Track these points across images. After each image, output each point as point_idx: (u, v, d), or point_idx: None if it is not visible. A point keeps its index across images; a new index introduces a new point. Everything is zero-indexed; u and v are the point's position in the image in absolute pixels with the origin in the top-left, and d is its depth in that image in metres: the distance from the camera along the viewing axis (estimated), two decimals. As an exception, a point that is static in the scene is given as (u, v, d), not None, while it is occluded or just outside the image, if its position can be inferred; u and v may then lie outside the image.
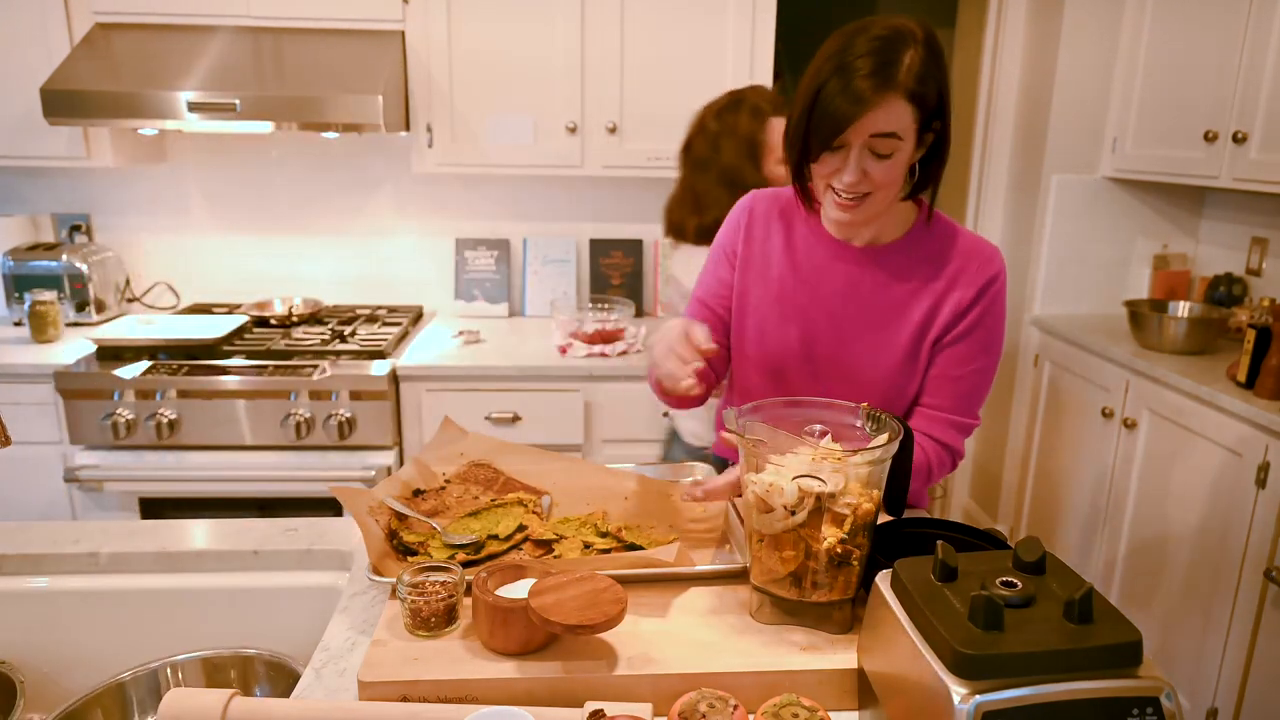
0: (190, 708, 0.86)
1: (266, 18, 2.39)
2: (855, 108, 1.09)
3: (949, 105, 1.16)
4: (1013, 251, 3.14)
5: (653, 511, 1.26)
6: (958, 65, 3.50)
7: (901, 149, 1.13)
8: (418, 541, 1.15)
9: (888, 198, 1.19)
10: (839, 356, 1.29)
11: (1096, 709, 0.71)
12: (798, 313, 1.30)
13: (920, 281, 1.28)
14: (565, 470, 1.35)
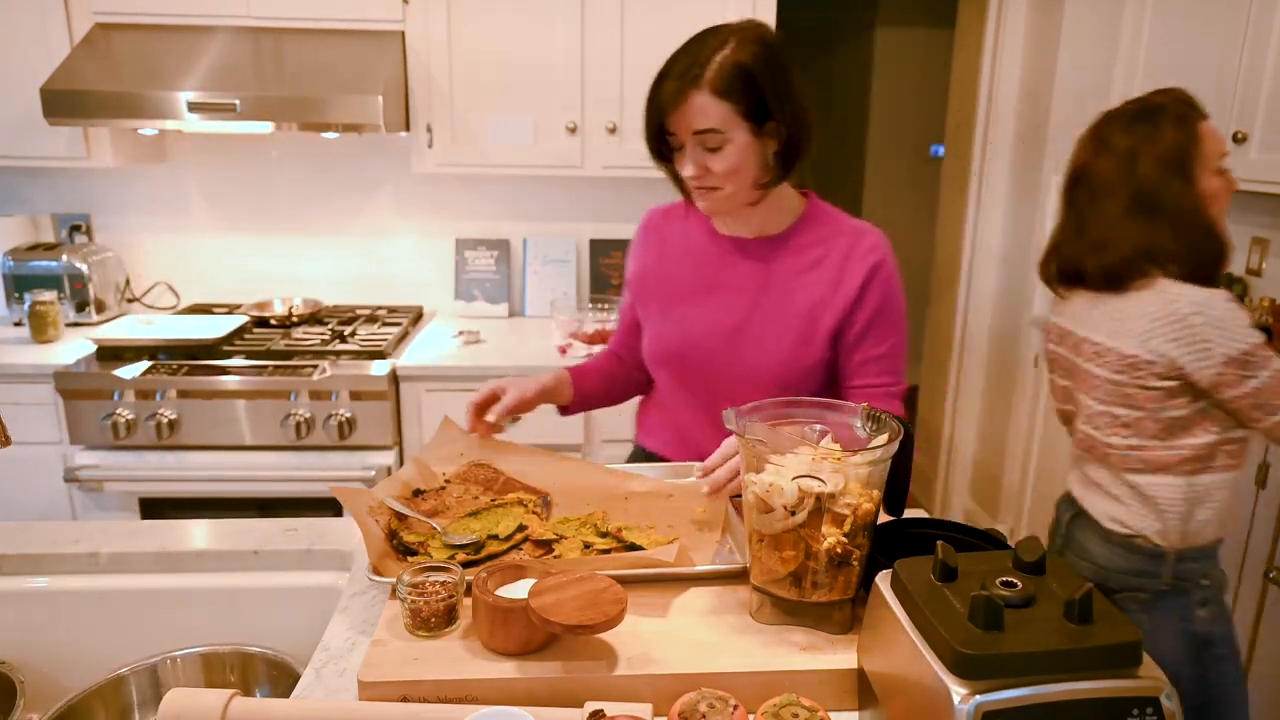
0: (190, 708, 0.86)
1: (266, 18, 2.39)
2: (663, 106, 1.21)
3: (789, 99, 1.23)
4: (1013, 251, 3.14)
5: (653, 511, 1.26)
6: (958, 65, 3.50)
7: (731, 142, 1.21)
8: (418, 541, 1.15)
9: (741, 188, 1.26)
10: (738, 346, 1.36)
11: (1096, 709, 0.71)
12: (698, 308, 1.38)
13: (809, 269, 1.35)
14: (565, 470, 1.35)
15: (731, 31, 1.21)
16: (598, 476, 1.35)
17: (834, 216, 1.39)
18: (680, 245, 1.42)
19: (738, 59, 1.19)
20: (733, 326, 1.35)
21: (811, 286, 1.34)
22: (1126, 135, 1.57)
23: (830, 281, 1.33)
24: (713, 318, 1.36)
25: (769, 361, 1.34)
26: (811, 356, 1.34)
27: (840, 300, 1.32)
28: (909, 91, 4.83)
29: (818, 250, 1.35)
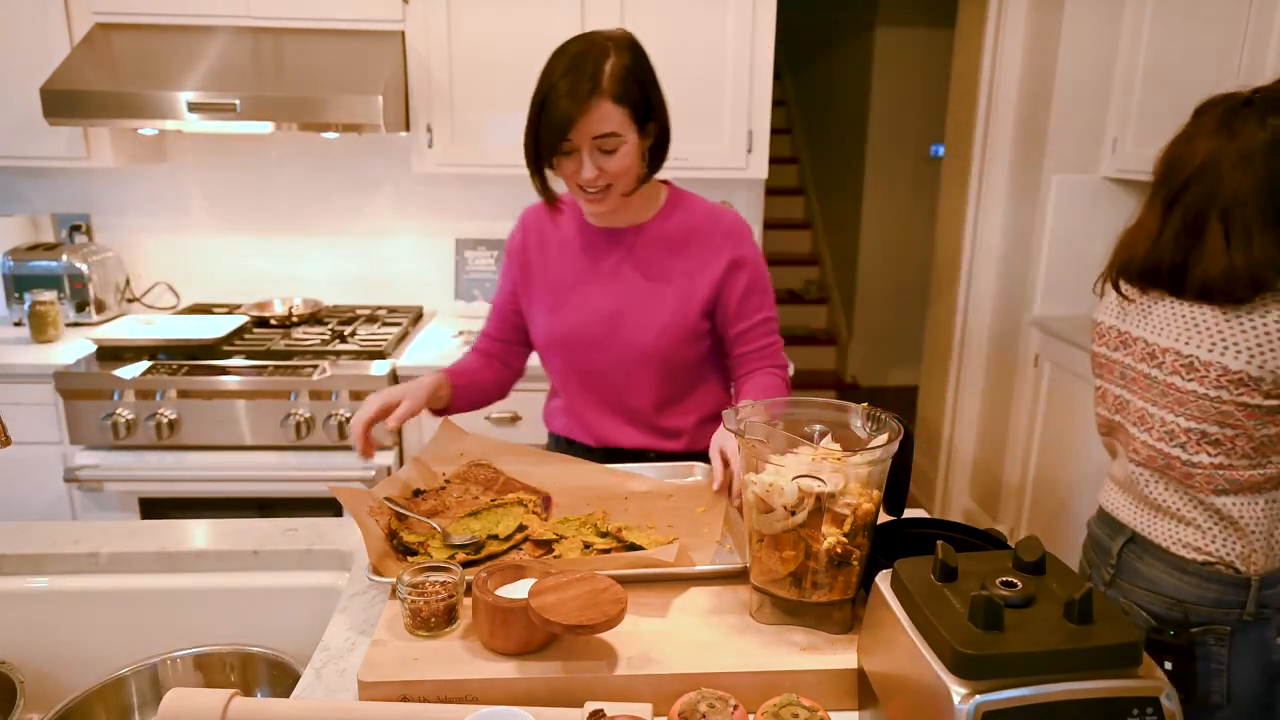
0: (190, 708, 0.86)
1: (266, 18, 2.39)
2: (569, 117, 1.27)
3: (660, 98, 1.36)
4: (1013, 251, 3.14)
5: (653, 511, 1.26)
6: (958, 65, 3.49)
7: (625, 143, 1.31)
8: (418, 541, 1.15)
9: (628, 184, 1.36)
10: (619, 328, 1.44)
11: (1096, 709, 0.71)
12: (578, 296, 1.47)
13: (677, 251, 1.46)
14: (565, 470, 1.35)
15: (608, 39, 1.31)
16: (598, 476, 1.35)
17: (695, 202, 1.50)
18: (558, 240, 1.51)
19: (626, 64, 1.30)
20: (612, 311, 1.45)
21: (681, 267, 1.45)
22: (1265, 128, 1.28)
23: (698, 260, 1.45)
24: (594, 304, 1.46)
25: (648, 339, 1.44)
26: (688, 331, 1.45)
27: (709, 277, 1.44)
28: (909, 91, 4.83)
29: (683, 233, 1.46)
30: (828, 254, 5.67)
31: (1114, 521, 1.47)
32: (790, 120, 6.17)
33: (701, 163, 2.54)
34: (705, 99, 2.51)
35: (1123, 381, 1.43)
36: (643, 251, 1.46)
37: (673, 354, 1.46)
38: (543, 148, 1.33)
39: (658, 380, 1.48)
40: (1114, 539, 1.47)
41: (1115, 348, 1.45)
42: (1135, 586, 1.42)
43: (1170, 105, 2.53)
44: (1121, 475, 1.46)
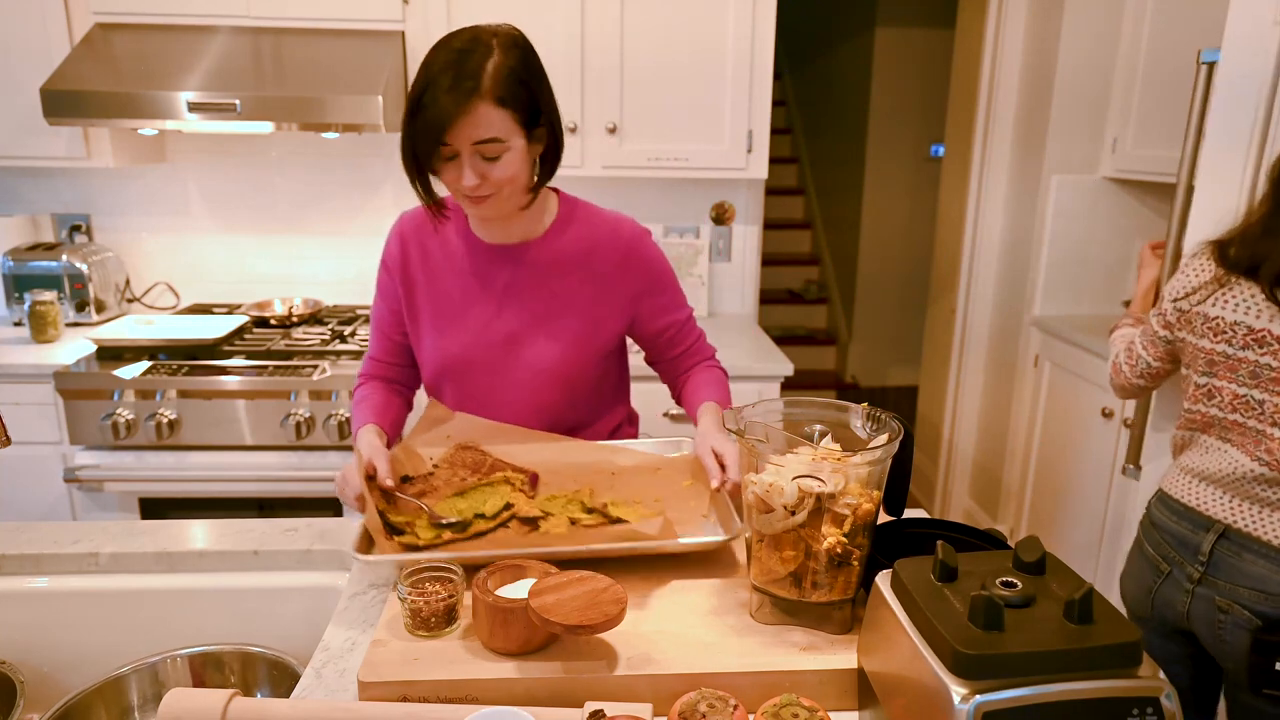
0: (190, 708, 0.86)
1: (266, 18, 2.39)
2: (444, 119, 1.15)
3: (551, 102, 1.26)
4: (1013, 251, 3.14)
5: (640, 486, 1.27)
6: (958, 65, 3.50)
7: (509, 149, 1.20)
8: (404, 522, 1.15)
9: (515, 193, 1.26)
10: (519, 352, 1.37)
11: (1096, 709, 0.71)
12: (471, 318, 1.37)
13: (577, 266, 1.37)
14: (553, 449, 1.35)
15: (493, 36, 1.20)
16: (585, 453, 1.35)
17: (591, 212, 1.41)
18: (442, 257, 1.38)
19: (510, 65, 1.18)
20: (510, 334, 1.36)
21: (583, 282, 1.37)
22: None
23: (602, 276, 1.37)
24: (489, 328, 1.36)
25: (551, 362, 1.37)
26: (596, 351, 1.39)
27: (618, 303, 1.38)
28: (909, 91, 4.83)
29: (582, 249, 1.37)
30: (828, 254, 5.67)
31: (1200, 517, 1.43)
32: (790, 120, 6.17)
33: (701, 163, 2.54)
34: (705, 99, 2.51)
35: (1253, 381, 1.38)
36: (539, 270, 1.36)
37: (576, 376, 1.39)
38: (419, 152, 1.21)
39: (561, 403, 1.40)
40: (1201, 534, 1.43)
41: (1244, 345, 1.39)
42: (1236, 585, 1.38)
43: (1170, 106, 2.53)
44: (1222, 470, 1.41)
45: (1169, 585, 1.48)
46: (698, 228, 2.93)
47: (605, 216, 1.41)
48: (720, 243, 2.96)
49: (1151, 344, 1.55)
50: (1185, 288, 1.46)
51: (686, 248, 2.90)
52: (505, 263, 1.37)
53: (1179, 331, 1.48)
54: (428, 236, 1.40)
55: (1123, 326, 1.77)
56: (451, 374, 1.40)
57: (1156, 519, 1.52)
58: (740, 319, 2.95)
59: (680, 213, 2.93)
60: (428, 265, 1.39)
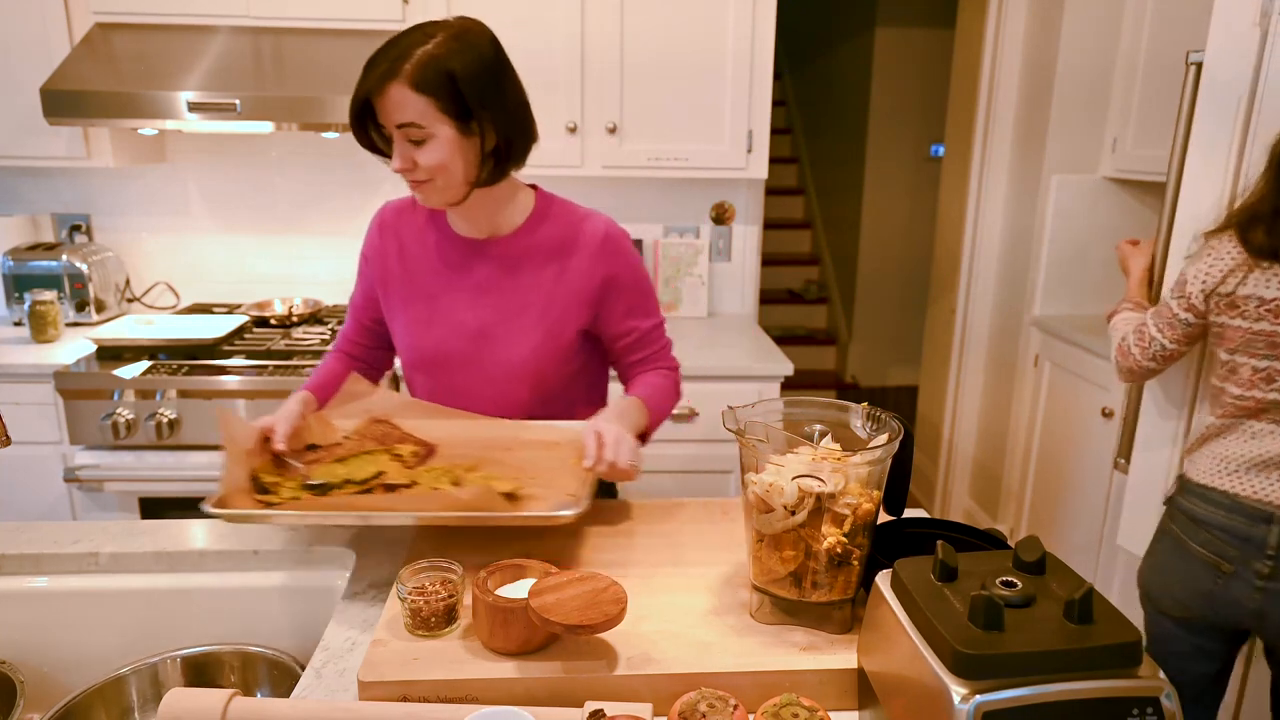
0: (190, 708, 0.86)
1: (266, 18, 2.39)
2: (359, 95, 1.20)
3: (496, 98, 1.24)
4: (1013, 251, 3.14)
5: (534, 461, 1.27)
6: (958, 65, 3.50)
7: (434, 137, 1.21)
8: (273, 482, 1.18)
9: (451, 183, 1.26)
10: (489, 345, 1.38)
11: (1096, 709, 0.71)
12: (444, 312, 1.38)
13: (549, 262, 1.37)
14: (464, 425, 1.35)
15: (439, 28, 1.22)
16: (493, 430, 1.35)
17: (566, 209, 1.41)
18: (419, 246, 1.41)
19: (436, 54, 1.19)
20: (480, 328, 1.37)
21: (554, 279, 1.37)
22: None
23: (571, 272, 1.37)
24: (461, 320, 1.37)
25: (521, 356, 1.37)
26: (563, 346, 1.38)
27: (585, 296, 1.38)
28: (909, 91, 4.83)
29: (554, 243, 1.38)
30: (828, 254, 5.67)
31: (1257, 507, 1.40)
32: (790, 120, 6.17)
33: (701, 163, 2.54)
34: (705, 99, 2.51)
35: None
36: (511, 264, 1.37)
37: (547, 372, 1.39)
38: (352, 124, 1.25)
39: (532, 400, 1.40)
40: (1263, 527, 1.39)
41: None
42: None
43: (1170, 106, 2.53)
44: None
45: (1236, 585, 1.43)
46: (698, 228, 2.94)
47: (581, 214, 1.41)
48: (720, 243, 2.96)
49: (1169, 327, 1.54)
50: (1217, 272, 1.44)
51: (686, 248, 2.90)
52: (479, 256, 1.38)
53: (1216, 316, 1.45)
54: (407, 227, 1.42)
55: (1122, 311, 1.76)
56: (425, 365, 1.41)
57: (1200, 515, 1.47)
58: (740, 319, 2.95)
59: (680, 213, 2.93)
60: (405, 257, 1.41)
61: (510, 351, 1.37)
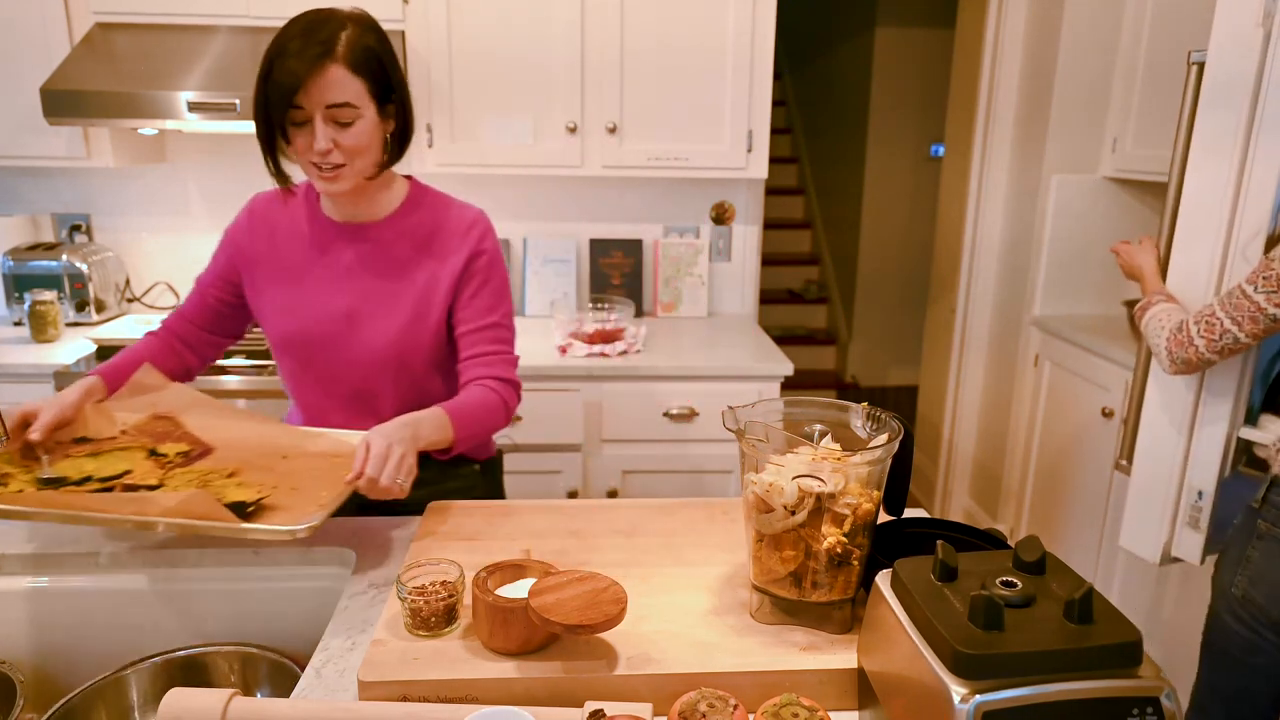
0: (190, 708, 0.86)
1: (266, 18, 2.39)
2: (298, 78, 1.20)
3: (401, 82, 1.32)
4: (1013, 251, 3.14)
5: (305, 473, 1.22)
6: (958, 65, 3.50)
7: (362, 117, 1.25)
8: (4, 473, 1.17)
9: (366, 165, 1.29)
10: (356, 328, 1.38)
11: (1096, 709, 0.71)
12: (312, 294, 1.39)
13: (418, 249, 1.40)
14: (250, 429, 1.32)
15: (347, 17, 1.26)
16: (278, 435, 1.32)
17: (438, 198, 1.44)
18: (290, 232, 1.42)
19: (364, 38, 1.25)
20: (348, 310, 1.38)
21: (421, 265, 1.39)
22: None
23: (438, 259, 1.39)
24: (329, 303, 1.38)
25: (386, 340, 1.38)
26: (428, 332, 1.40)
27: (448, 275, 1.39)
28: (909, 91, 4.83)
29: (425, 230, 1.40)
30: (828, 254, 5.67)
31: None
32: (790, 120, 6.17)
33: (701, 163, 2.54)
34: (705, 99, 2.51)
35: None
36: (382, 249, 1.39)
37: (413, 358, 1.40)
38: (273, 114, 1.23)
39: (399, 385, 1.41)
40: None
41: None
42: None
43: (1170, 105, 2.53)
44: None
45: None
46: (698, 228, 2.94)
47: (454, 204, 1.44)
48: (720, 242, 2.96)
49: (1249, 320, 1.50)
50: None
51: (686, 248, 2.90)
52: (350, 241, 1.40)
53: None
54: (278, 215, 1.44)
55: (1156, 304, 1.72)
56: (292, 348, 1.42)
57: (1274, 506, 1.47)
58: (740, 319, 2.95)
59: (680, 213, 2.93)
60: (274, 240, 1.42)
61: (375, 335, 1.38)
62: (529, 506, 1.34)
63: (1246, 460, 1.71)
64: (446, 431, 1.30)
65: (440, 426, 1.29)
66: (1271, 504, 1.52)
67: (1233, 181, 1.61)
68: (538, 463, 2.40)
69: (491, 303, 1.43)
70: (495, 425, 1.41)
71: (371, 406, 1.43)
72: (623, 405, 2.38)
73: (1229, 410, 1.67)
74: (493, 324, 1.43)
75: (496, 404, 1.39)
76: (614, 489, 2.43)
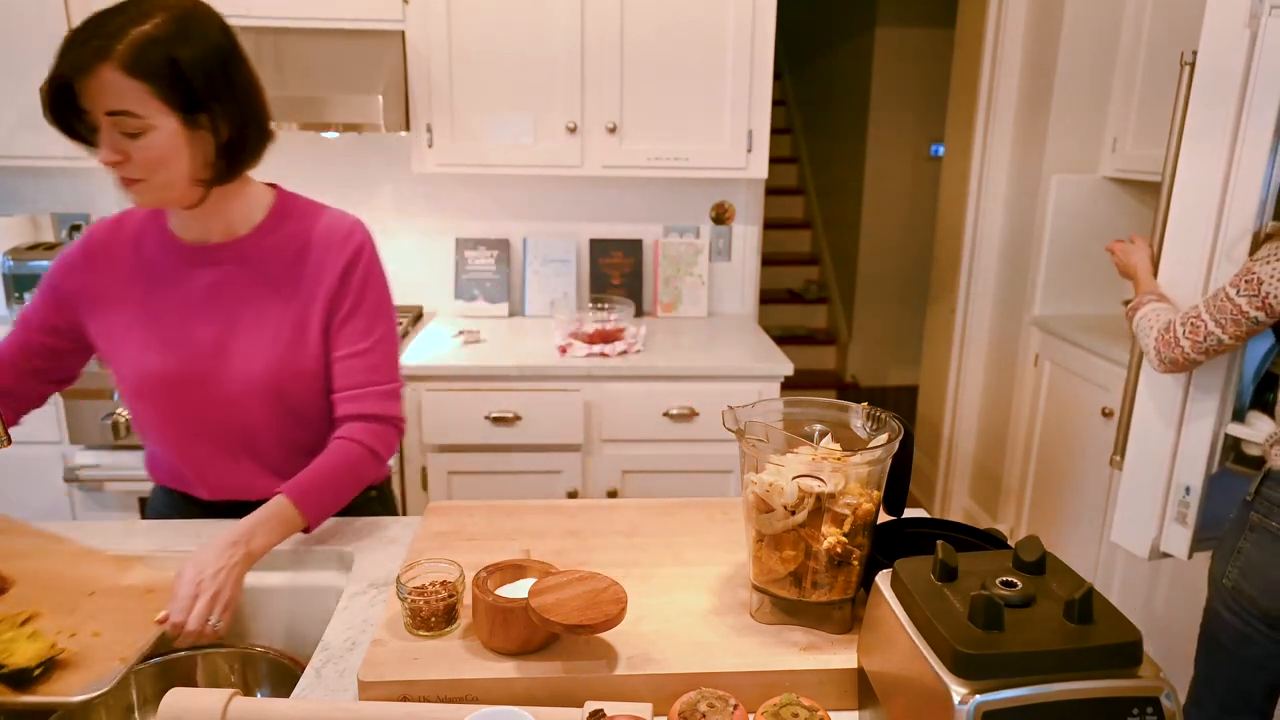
0: (190, 708, 0.86)
1: (266, 18, 2.39)
2: (64, 77, 1.05)
3: (228, 88, 1.14)
4: (1013, 251, 3.14)
5: (114, 611, 1.09)
6: (958, 65, 3.50)
7: (154, 129, 1.08)
8: None
9: (172, 180, 1.13)
10: (225, 360, 1.23)
11: (1096, 709, 0.71)
12: (171, 329, 1.23)
13: (288, 266, 1.25)
14: (63, 558, 1.18)
15: (158, 8, 1.08)
16: (89, 566, 1.17)
17: (308, 209, 1.30)
18: (136, 262, 1.25)
19: (156, 36, 1.06)
20: (214, 344, 1.23)
21: (294, 284, 1.25)
22: None
23: (312, 276, 1.25)
24: (192, 336, 1.22)
25: (260, 370, 1.23)
26: (309, 359, 1.26)
27: (323, 294, 1.25)
28: (909, 91, 4.83)
29: (294, 245, 1.26)
30: (828, 254, 5.67)
31: None
32: (790, 120, 6.17)
33: (701, 162, 2.54)
34: (705, 98, 2.51)
35: None
36: (247, 270, 1.23)
37: (293, 388, 1.25)
38: (52, 114, 1.07)
39: (281, 420, 1.27)
40: None
41: None
42: None
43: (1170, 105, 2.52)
44: None
45: None
46: (698, 228, 2.94)
47: (327, 213, 1.29)
48: (720, 242, 2.96)
49: (1233, 323, 1.53)
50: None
51: (686, 248, 2.90)
52: (207, 264, 1.23)
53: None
54: (121, 245, 1.26)
55: (1147, 304, 1.75)
56: (150, 391, 1.24)
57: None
58: (740, 319, 2.95)
59: (680, 213, 2.93)
60: (118, 273, 1.25)
61: (249, 365, 1.23)
62: (529, 506, 1.34)
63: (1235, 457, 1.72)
64: (293, 523, 1.18)
65: (284, 522, 1.17)
66: (1264, 497, 1.53)
67: (1220, 180, 1.62)
68: (538, 463, 2.40)
69: (367, 325, 1.27)
70: (361, 483, 1.29)
71: (251, 446, 1.29)
72: (623, 405, 2.38)
73: (1216, 407, 1.69)
74: (367, 349, 1.27)
75: (359, 460, 1.26)
76: (614, 489, 2.43)
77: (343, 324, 1.26)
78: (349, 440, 1.26)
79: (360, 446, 1.26)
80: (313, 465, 1.23)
